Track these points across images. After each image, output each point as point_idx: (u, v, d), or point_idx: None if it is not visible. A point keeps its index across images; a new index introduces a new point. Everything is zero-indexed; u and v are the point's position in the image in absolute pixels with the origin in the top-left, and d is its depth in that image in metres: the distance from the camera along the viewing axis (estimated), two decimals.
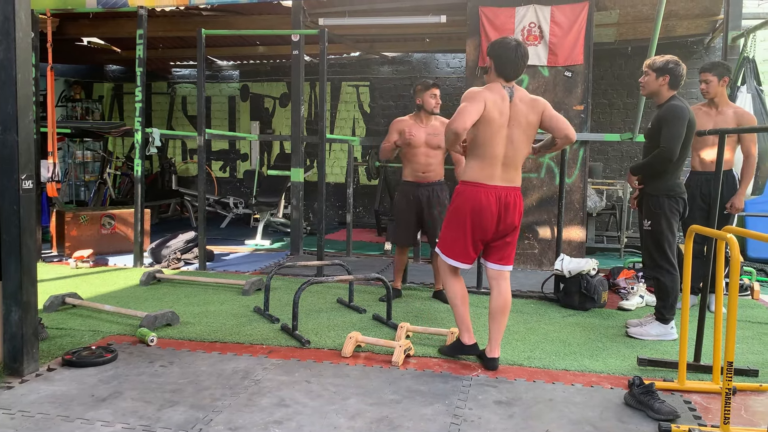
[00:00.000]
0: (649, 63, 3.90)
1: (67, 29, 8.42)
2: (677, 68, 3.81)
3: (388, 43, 9.34)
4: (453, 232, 3.41)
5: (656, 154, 3.77)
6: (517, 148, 3.31)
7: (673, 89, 3.85)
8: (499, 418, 2.71)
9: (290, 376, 3.16)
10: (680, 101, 3.81)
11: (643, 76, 3.94)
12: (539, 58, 6.19)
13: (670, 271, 3.85)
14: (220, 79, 11.07)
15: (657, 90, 3.86)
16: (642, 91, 3.99)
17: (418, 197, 4.73)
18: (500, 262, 3.43)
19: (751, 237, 2.64)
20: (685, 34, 8.10)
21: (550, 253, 6.23)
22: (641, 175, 3.98)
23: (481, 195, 3.29)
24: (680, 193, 3.87)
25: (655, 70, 3.84)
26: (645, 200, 3.94)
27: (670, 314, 3.91)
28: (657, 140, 3.80)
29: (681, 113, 3.73)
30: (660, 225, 3.83)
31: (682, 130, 3.73)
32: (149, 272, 5.32)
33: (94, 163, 10.58)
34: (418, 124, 4.70)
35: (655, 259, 3.88)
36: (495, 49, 3.35)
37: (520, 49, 3.30)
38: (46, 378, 3.07)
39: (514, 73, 3.33)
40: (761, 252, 6.64)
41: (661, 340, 3.90)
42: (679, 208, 3.86)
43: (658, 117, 3.85)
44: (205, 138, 6.01)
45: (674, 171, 3.85)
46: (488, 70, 3.39)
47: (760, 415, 2.82)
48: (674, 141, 3.71)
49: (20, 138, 3.01)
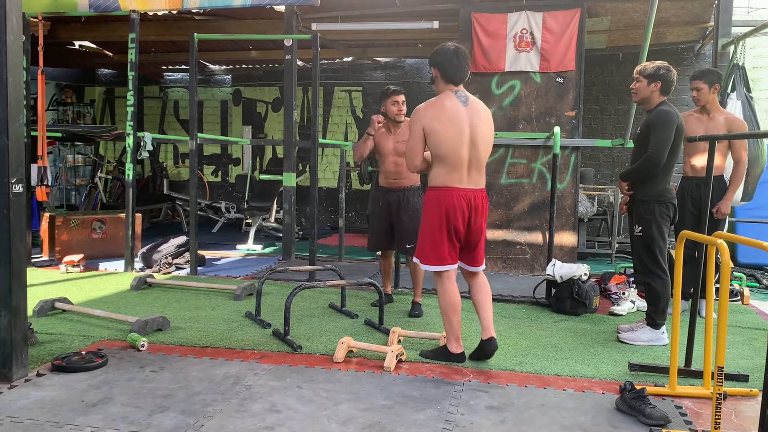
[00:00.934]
0: (640, 69, 3.93)
1: (58, 33, 8.40)
2: (668, 74, 3.84)
3: (380, 48, 9.36)
4: (430, 238, 3.45)
5: (644, 159, 3.80)
6: (480, 150, 3.40)
7: (664, 95, 3.88)
8: (491, 424, 2.71)
9: (282, 381, 3.15)
10: (669, 107, 3.84)
11: (634, 83, 3.96)
12: (531, 64, 6.22)
13: (661, 277, 3.86)
14: (212, 84, 11.05)
15: (648, 96, 3.90)
16: (633, 98, 4.02)
17: (388, 202, 4.70)
18: (474, 264, 3.55)
19: (741, 242, 2.66)
20: (675, 41, 8.16)
21: (541, 258, 6.25)
22: (631, 180, 4.00)
23: (453, 198, 3.37)
24: (670, 198, 3.89)
25: (647, 77, 3.86)
26: (635, 206, 3.96)
27: (661, 319, 3.93)
28: (645, 145, 3.83)
29: (670, 118, 3.77)
30: (651, 230, 3.85)
31: (671, 135, 3.76)
32: (140, 277, 5.29)
33: (85, 167, 10.53)
34: (387, 133, 4.65)
35: (646, 265, 3.89)
36: (436, 57, 3.44)
37: (460, 52, 3.40)
38: (35, 383, 3.05)
39: (459, 76, 3.41)
40: (751, 258, 6.68)
41: (652, 345, 3.91)
42: (669, 213, 3.89)
43: (647, 122, 3.88)
44: (197, 142, 6.00)
45: (664, 176, 3.87)
46: (435, 79, 3.48)
47: (750, 420, 2.83)
48: (662, 146, 3.74)
49: (10, 141, 2.99)
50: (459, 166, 3.37)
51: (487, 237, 6.44)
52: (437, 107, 3.38)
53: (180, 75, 11.29)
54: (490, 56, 6.29)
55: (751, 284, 6.04)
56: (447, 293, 3.46)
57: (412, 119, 3.44)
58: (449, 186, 3.38)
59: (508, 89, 6.36)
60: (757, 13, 8.31)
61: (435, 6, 6.68)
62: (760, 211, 6.63)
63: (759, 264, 6.72)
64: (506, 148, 6.37)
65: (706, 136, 3.66)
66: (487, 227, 6.43)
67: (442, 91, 3.44)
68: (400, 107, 4.57)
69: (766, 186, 6.20)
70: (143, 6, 5.90)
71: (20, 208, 3.08)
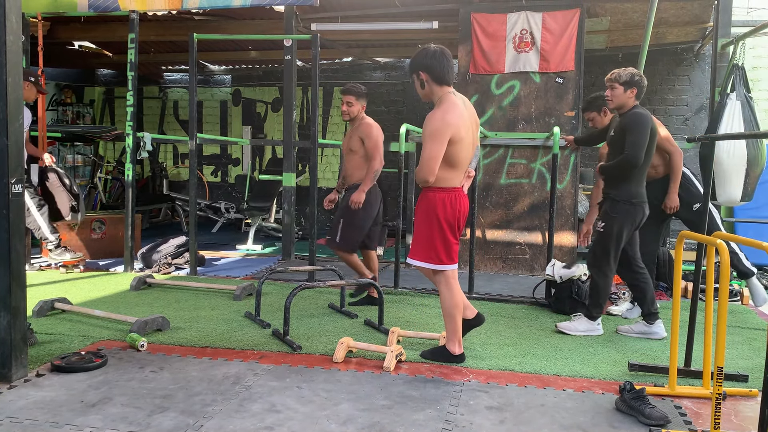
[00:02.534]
0: (614, 77, 4.01)
1: (58, 33, 8.39)
2: (642, 80, 3.99)
3: (380, 48, 9.36)
4: (441, 239, 3.39)
5: (621, 160, 3.92)
6: (471, 150, 3.43)
7: (638, 100, 4.01)
8: (491, 424, 2.71)
9: (281, 381, 3.15)
10: (643, 110, 3.98)
11: (608, 90, 4.05)
12: (531, 64, 6.22)
13: (606, 274, 4.05)
14: (212, 84, 11.05)
15: (624, 102, 4.00)
16: (609, 104, 4.12)
17: (340, 202, 4.86)
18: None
19: (741, 242, 2.66)
20: (675, 41, 8.17)
21: (541, 258, 6.25)
22: (607, 176, 4.10)
23: (462, 198, 3.41)
24: (641, 201, 4.01)
25: (623, 84, 3.97)
26: (605, 202, 4.09)
27: (598, 312, 4.13)
28: (620, 147, 3.96)
29: (645, 121, 3.90)
30: (612, 228, 3.99)
31: (647, 137, 3.89)
32: (140, 277, 5.29)
33: (85, 167, 10.52)
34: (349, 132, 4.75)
35: (597, 259, 4.07)
36: (423, 60, 3.33)
37: (444, 51, 3.35)
38: (35, 384, 3.05)
39: (450, 75, 3.37)
40: (751, 258, 6.67)
41: (588, 335, 4.11)
42: (636, 217, 4.01)
43: (621, 125, 3.99)
44: (196, 142, 5.99)
45: (639, 177, 3.99)
46: (425, 83, 3.36)
47: (749, 420, 2.83)
48: (639, 147, 3.87)
49: (10, 142, 2.99)
50: (463, 168, 3.40)
51: (487, 237, 6.44)
52: (456, 113, 3.26)
53: (179, 75, 11.29)
54: (490, 58, 6.29)
55: None
56: (456, 293, 3.45)
57: (437, 128, 3.21)
58: (456, 187, 3.39)
59: (508, 89, 6.36)
60: (756, 13, 8.31)
61: (435, 6, 6.68)
62: (759, 211, 6.64)
63: (759, 264, 6.72)
64: (506, 149, 6.37)
65: (706, 136, 3.66)
66: (487, 227, 6.44)
67: (437, 94, 3.34)
68: (345, 107, 4.63)
69: (765, 186, 6.20)
70: (143, 6, 5.90)
71: (20, 208, 3.08)
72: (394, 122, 9.42)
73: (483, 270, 6.39)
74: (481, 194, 6.36)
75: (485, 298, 5.13)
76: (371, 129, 4.61)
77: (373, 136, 4.59)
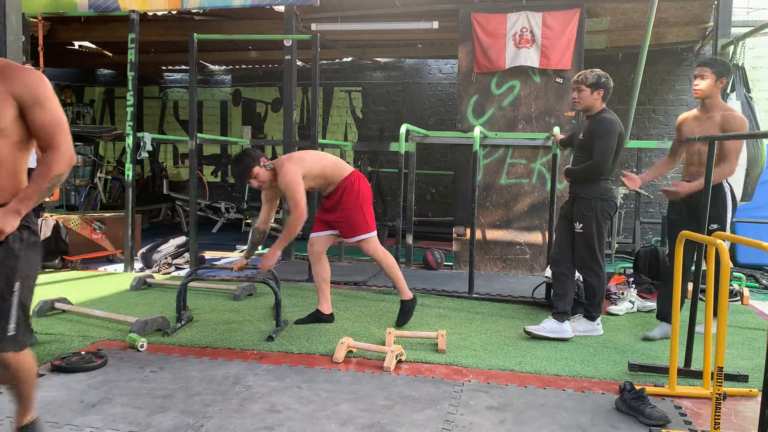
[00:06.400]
0: (581, 79, 4.01)
1: (58, 33, 8.40)
2: (608, 82, 4.00)
3: (380, 48, 9.36)
4: (369, 212, 4.19)
5: (590, 166, 3.96)
6: None
7: (605, 102, 4.03)
8: (491, 424, 2.71)
9: (281, 381, 3.15)
10: (611, 114, 4.01)
11: (575, 92, 4.05)
12: (531, 59, 6.20)
13: (597, 273, 4.05)
14: (212, 84, 11.05)
15: (592, 104, 4.02)
16: (576, 106, 4.11)
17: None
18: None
19: (740, 243, 2.66)
20: (675, 42, 8.17)
21: (541, 258, 6.25)
22: (572, 179, 4.13)
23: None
24: (612, 197, 4.05)
25: (590, 86, 3.97)
26: (576, 204, 4.08)
27: (597, 312, 4.12)
28: (588, 150, 3.99)
29: (612, 127, 3.94)
30: (591, 227, 4.00)
31: (614, 143, 3.94)
32: (140, 277, 5.29)
33: (85, 167, 10.51)
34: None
35: (585, 261, 4.06)
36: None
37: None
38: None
39: None
40: (751, 258, 6.69)
41: (588, 335, 4.10)
42: (610, 212, 4.04)
43: (590, 130, 4.01)
44: (196, 142, 5.99)
45: (606, 175, 4.02)
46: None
47: (749, 420, 2.83)
48: (607, 154, 3.92)
49: None
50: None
51: (487, 237, 6.44)
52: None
53: (180, 75, 11.29)
54: (491, 56, 6.28)
55: (751, 284, 6.04)
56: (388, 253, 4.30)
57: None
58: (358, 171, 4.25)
59: (508, 89, 6.35)
60: (756, 13, 8.32)
61: (435, 6, 6.68)
62: (759, 211, 6.64)
63: (758, 264, 6.72)
64: (506, 149, 6.37)
65: (705, 136, 3.65)
66: (487, 227, 6.44)
67: None
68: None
69: (765, 186, 6.20)
70: (143, 6, 5.91)
71: None
72: (394, 122, 9.45)
73: (483, 270, 6.38)
74: (481, 194, 6.36)
75: (485, 298, 5.12)
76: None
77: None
